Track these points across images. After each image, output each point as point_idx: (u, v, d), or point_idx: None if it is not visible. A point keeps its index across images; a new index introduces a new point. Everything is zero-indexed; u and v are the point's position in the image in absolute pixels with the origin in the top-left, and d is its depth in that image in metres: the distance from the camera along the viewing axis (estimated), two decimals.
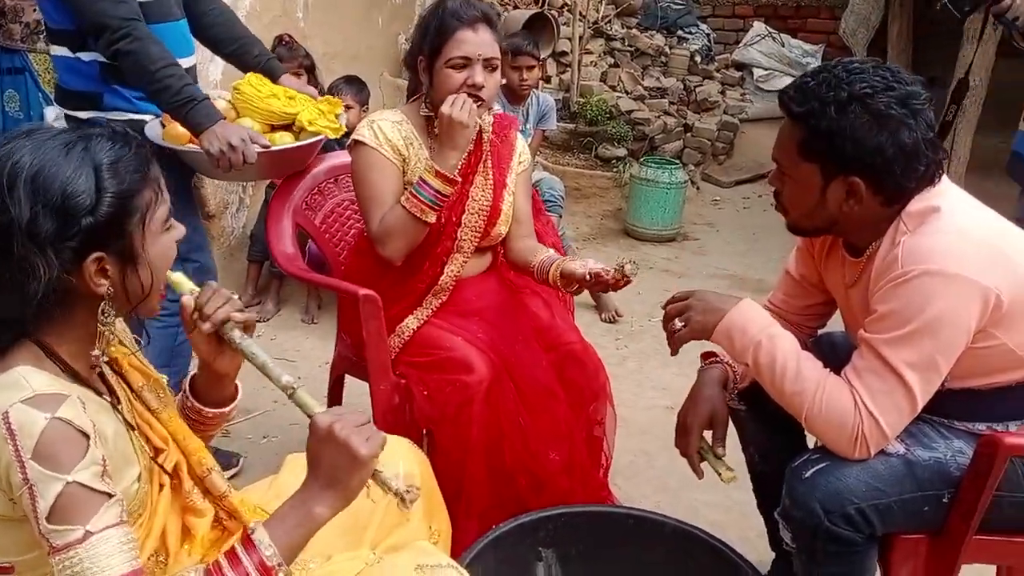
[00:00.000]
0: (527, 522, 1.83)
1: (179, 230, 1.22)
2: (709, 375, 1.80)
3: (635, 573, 1.86)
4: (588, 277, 1.91)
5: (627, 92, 6.01)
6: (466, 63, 1.95)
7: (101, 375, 1.22)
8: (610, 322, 3.73)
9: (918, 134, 1.44)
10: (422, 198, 1.93)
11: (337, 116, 2.32)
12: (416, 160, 2.03)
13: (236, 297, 1.27)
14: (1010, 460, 1.48)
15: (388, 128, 2.03)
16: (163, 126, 2.17)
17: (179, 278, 1.25)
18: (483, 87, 1.96)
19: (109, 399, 1.18)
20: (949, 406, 1.56)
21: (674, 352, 1.70)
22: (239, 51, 2.36)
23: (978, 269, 1.40)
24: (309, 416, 1.16)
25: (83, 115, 2.12)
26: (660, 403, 3.05)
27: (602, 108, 5.56)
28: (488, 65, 1.97)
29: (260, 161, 2.10)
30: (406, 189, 1.98)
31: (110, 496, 1.03)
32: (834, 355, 1.70)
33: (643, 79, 6.22)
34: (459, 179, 1.98)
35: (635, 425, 2.87)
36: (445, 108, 1.91)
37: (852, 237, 1.60)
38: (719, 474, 1.70)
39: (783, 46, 6.88)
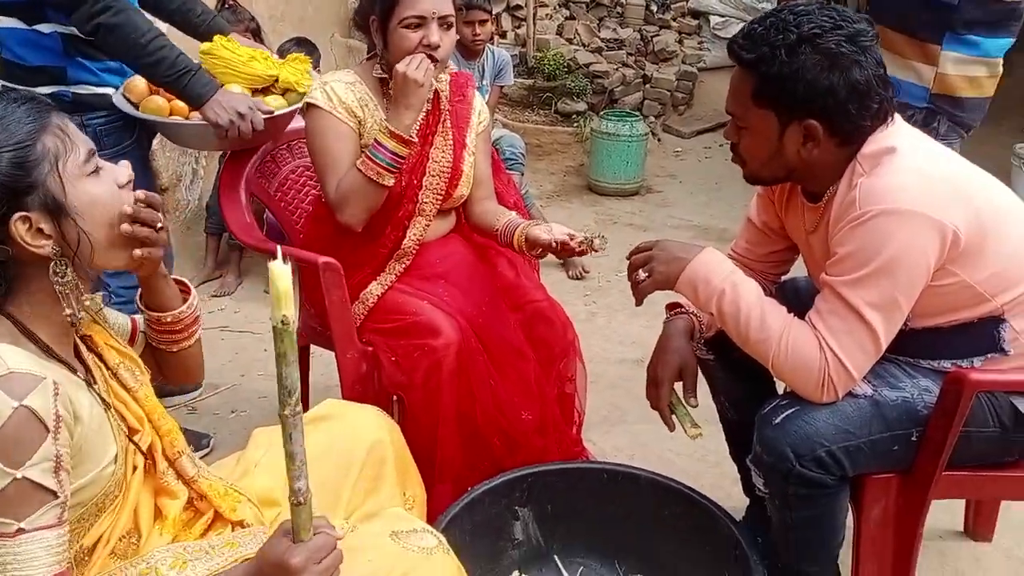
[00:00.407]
0: (501, 483, 1.83)
1: (117, 172, 1.17)
2: (675, 326, 1.79)
3: (612, 527, 1.88)
4: (554, 245, 1.88)
5: (584, 45, 5.94)
6: (421, 22, 1.89)
7: (77, 353, 1.20)
8: (577, 279, 3.72)
9: (869, 71, 1.44)
10: (378, 160, 1.89)
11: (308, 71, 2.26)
12: (372, 122, 1.98)
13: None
14: (977, 396, 1.50)
15: (341, 89, 1.97)
16: (125, 97, 2.09)
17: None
18: (439, 46, 1.90)
19: (84, 376, 1.16)
20: (913, 345, 1.56)
21: (638, 303, 1.69)
22: (182, 10, 2.25)
23: (935, 206, 1.40)
24: (293, 533, 1.06)
25: (44, 90, 1.98)
26: (630, 356, 3.06)
27: (559, 62, 5.49)
28: (443, 23, 1.91)
29: (264, 127, 2.07)
30: (362, 152, 1.93)
31: (55, 496, 1.02)
32: (798, 300, 1.70)
33: (599, 31, 6.14)
34: (415, 140, 1.93)
35: (606, 380, 2.88)
36: (400, 67, 1.86)
37: (810, 183, 1.59)
38: (685, 430, 1.71)
39: None
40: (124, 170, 1.18)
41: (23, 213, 1.06)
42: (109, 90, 2.09)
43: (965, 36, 2.35)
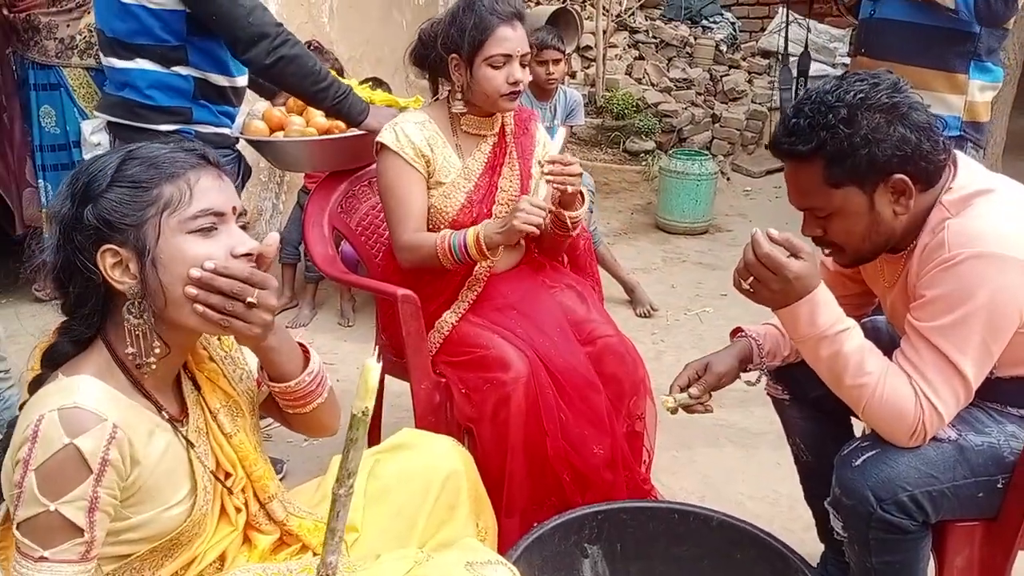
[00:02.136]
0: (571, 519, 1.82)
1: (236, 239, 1.14)
2: (731, 346, 1.80)
3: (683, 568, 1.85)
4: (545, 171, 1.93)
5: (653, 84, 5.99)
6: (506, 60, 1.97)
7: (179, 390, 1.23)
8: (645, 316, 3.71)
9: (921, 111, 1.43)
10: (454, 250, 1.97)
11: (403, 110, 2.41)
12: (442, 159, 2.05)
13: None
14: None
15: (411, 130, 2.04)
16: (241, 135, 2.33)
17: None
18: (521, 82, 1.99)
19: (170, 416, 1.19)
20: (1001, 393, 1.53)
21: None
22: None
23: None
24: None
25: (166, 127, 2.12)
26: None
27: (628, 101, 5.53)
28: (523, 61, 2.00)
29: (328, 149, 2.29)
30: (428, 188, 2.03)
31: (82, 534, 1.05)
32: (877, 341, 1.66)
33: (669, 71, 6.18)
34: (492, 258, 2.00)
35: (676, 419, 2.81)
36: (520, 213, 1.87)
37: (904, 241, 1.53)
38: (666, 398, 1.76)
39: (809, 31, 6.79)
40: (246, 242, 1.14)
41: (113, 247, 1.09)
42: (225, 130, 2.24)
43: (986, 63, 2.42)
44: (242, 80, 2.25)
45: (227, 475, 1.26)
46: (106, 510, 1.07)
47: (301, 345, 1.32)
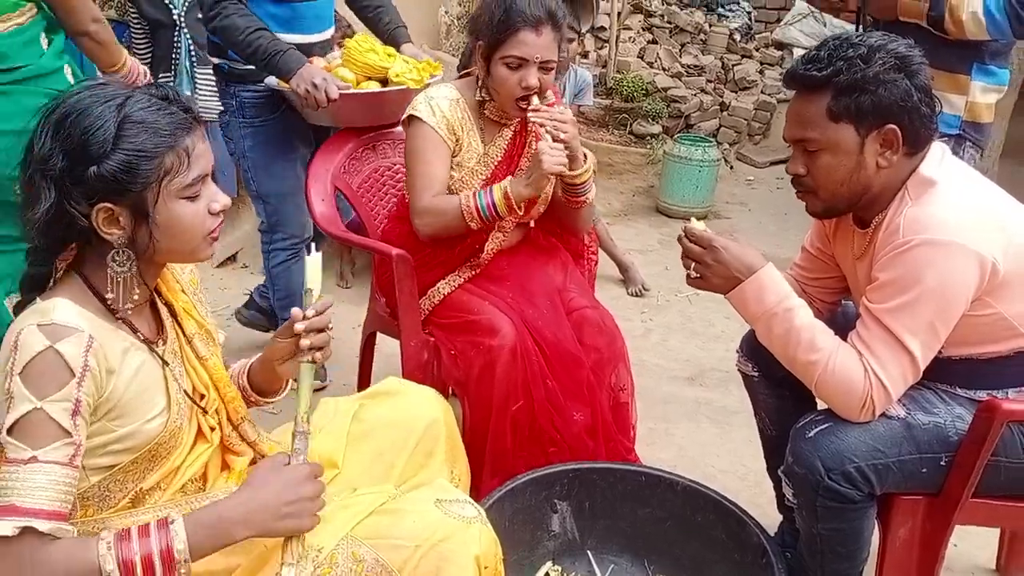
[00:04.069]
0: (544, 475, 1.92)
1: (212, 199, 1.25)
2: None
3: (646, 528, 1.95)
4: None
5: (664, 69, 6.02)
6: (522, 63, 1.97)
7: (155, 314, 1.32)
8: (637, 296, 3.79)
9: (926, 76, 1.53)
10: (480, 205, 1.99)
11: (432, 76, 2.50)
12: (468, 144, 2.09)
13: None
14: (1008, 427, 1.55)
15: (446, 107, 2.07)
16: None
17: (314, 266, 1.36)
18: (535, 88, 1.98)
19: (145, 338, 1.26)
20: (951, 374, 1.62)
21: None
22: (374, 18, 2.68)
23: (976, 238, 1.46)
24: (296, 446, 1.26)
25: (213, 60, 2.63)
26: (681, 375, 3.13)
27: (638, 85, 5.58)
28: (544, 67, 1.99)
29: (348, 104, 2.36)
30: (452, 165, 2.06)
31: (69, 435, 1.11)
32: (846, 323, 1.75)
33: (681, 56, 6.22)
34: (520, 211, 2.02)
35: (657, 395, 2.95)
36: (545, 155, 1.90)
37: (871, 207, 1.62)
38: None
39: (825, 26, 6.81)
40: (221, 199, 1.26)
41: (108, 205, 1.15)
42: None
43: (989, 66, 2.47)
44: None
45: (201, 396, 1.34)
46: (85, 416, 1.14)
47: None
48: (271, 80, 2.46)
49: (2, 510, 1.07)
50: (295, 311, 1.33)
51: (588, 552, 1.99)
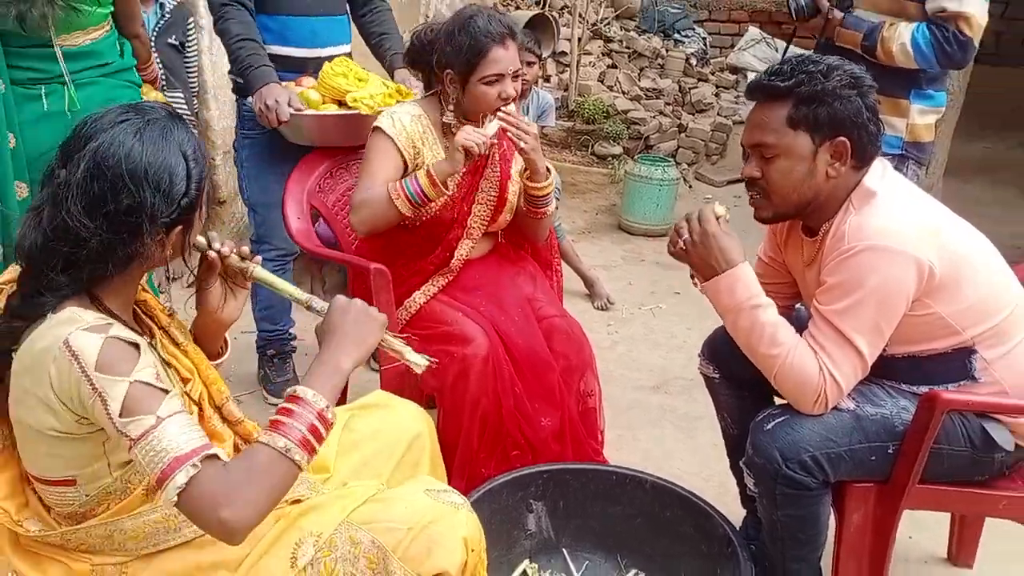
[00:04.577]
0: (520, 476, 2.01)
1: None
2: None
3: (618, 525, 2.04)
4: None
5: (624, 92, 6.20)
6: (499, 78, 2.11)
7: (136, 316, 1.40)
8: (602, 309, 3.91)
9: (873, 100, 1.67)
10: (406, 188, 2.09)
11: (399, 103, 2.55)
12: (430, 155, 2.19)
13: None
14: (949, 416, 1.68)
15: (407, 120, 2.18)
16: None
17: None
18: (515, 96, 2.13)
19: (141, 332, 1.33)
20: (897, 371, 1.75)
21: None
22: (377, 44, 2.77)
23: (914, 244, 1.59)
24: (318, 310, 1.44)
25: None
26: (646, 384, 3.24)
27: (599, 107, 5.74)
28: (515, 76, 2.15)
29: (307, 125, 2.46)
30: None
31: (166, 392, 1.18)
32: (799, 325, 1.87)
33: (640, 80, 6.40)
34: (447, 191, 2.12)
35: (622, 403, 3.05)
36: (461, 132, 2.05)
37: (817, 215, 1.74)
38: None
39: (776, 51, 7.07)
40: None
41: (182, 227, 1.28)
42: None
43: (927, 91, 2.63)
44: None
45: (185, 380, 1.40)
46: (163, 376, 1.22)
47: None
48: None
49: (169, 468, 1.11)
50: (199, 239, 1.41)
51: (563, 550, 2.07)
